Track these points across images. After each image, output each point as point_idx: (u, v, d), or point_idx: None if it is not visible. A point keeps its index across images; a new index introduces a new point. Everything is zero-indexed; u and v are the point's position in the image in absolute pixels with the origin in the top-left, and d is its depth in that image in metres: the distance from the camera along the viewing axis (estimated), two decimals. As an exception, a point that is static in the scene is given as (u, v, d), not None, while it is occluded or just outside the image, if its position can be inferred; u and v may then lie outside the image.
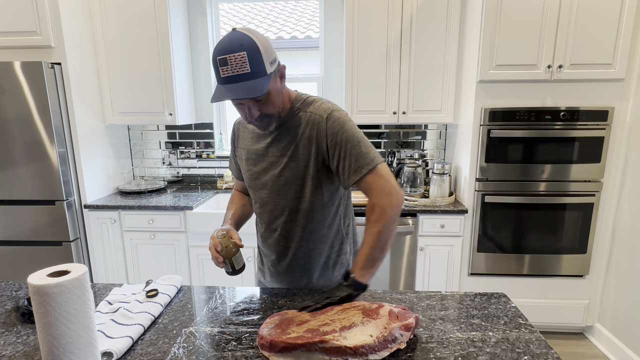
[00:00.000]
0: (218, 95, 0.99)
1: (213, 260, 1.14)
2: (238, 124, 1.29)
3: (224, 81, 0.98)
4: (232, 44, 0.96)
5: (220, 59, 0.97)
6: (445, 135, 2.88)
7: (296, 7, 3.25)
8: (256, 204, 1.26)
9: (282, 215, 1.21)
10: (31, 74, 2.17)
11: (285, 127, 1.15)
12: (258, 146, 1.20)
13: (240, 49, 0.95)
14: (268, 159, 1.18)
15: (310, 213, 1.19)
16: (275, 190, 1.19)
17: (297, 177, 1.15)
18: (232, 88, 0.97)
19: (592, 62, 2.15)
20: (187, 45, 2.82)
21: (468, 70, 2.36)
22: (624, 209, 2.25)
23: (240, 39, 0.96)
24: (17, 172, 2.29)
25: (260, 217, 1.27)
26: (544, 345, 0.93)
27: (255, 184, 1.22)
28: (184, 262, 2.51)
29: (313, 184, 1.15)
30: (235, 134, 1.29)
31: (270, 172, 1.18)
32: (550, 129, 2.24)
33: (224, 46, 0.97)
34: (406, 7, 2.40)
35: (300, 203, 1.18)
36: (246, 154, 1.23)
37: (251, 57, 0.96)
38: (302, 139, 1.12)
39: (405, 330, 0.90)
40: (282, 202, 1.19)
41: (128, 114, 2.65)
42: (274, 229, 1.23)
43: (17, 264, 2.40)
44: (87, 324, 0.79)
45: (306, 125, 1.12)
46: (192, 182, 3.08)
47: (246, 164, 1.24)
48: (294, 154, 1.14)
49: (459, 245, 2.40)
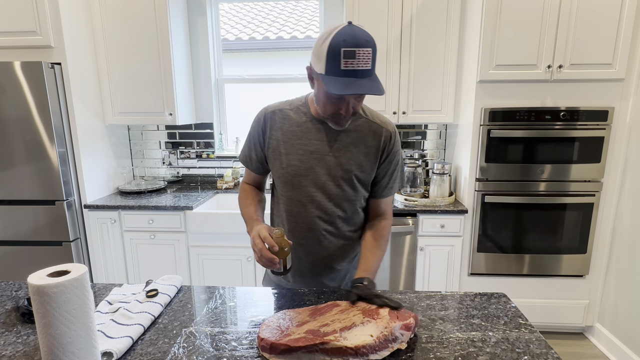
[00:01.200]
0: (344, 87, 0.96)
1: (262, 260, 1.06)
2: (271, 113, 1.20)
3: (344, 74, 0.97)
4: (360, 39, 0.95)
5: (348, 51, 0.95)
6: (445, 135, 2.88)
7: (296, 7, 3.25)
8: (291, 200, 1.21)
9: (327, 214, 1.20)
10: (31, 74, 2.18)
11: (345, 130, 1.16)
12: (310, 143, 1.16)
13: (367, 45, 0.96)
14: (324, 158, 1.16)
15: (353, 214, 1.24)
16: (327, 189, 1.18)
17: (354, 181, 1.18)
18: (359, 83, 0.97)
19: (592, 62, 2.15)
20: (187, 45, 2.82)
21: (468, 70, 2.36)
22: (624, 209, 2.25)
23: (365, 34, 0.97)
24: (17, 172, 2.29)
25: (296, 215, 1.22)
26: (544, 345, 0.93)
27: (299, 180, 1.18)
28: (184, 262, 2.51)
29: (360, 187, 1.21)
30: (267, 124, 1.20)
31: (323, 171, 1.17)
32: (550, 129, 2.24)
33: (351, 39, 0.95)
34: (406, 7, 2.40)
35: (349, 205, 1.21)
36: (289, 147, 1.18)
37: (374, 54, 0.98)
38: (365, 145, 1.17)
39: (406, 330, 0.90)
40: (332, 202, 1.19)
41: (128, 114, 2.65)
42: (312, 228, 1.21)
43: (17, 264, 2.40)
44: (87, 324, 0.79)
45: (371, 133, 1.18)
46: (192, 182, 3.08)
47: (286, 158, 1.18)
48: (355, 157, 1.17)
49: (459, 245, 2.40)
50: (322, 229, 1.21)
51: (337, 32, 0.96)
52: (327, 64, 0.98)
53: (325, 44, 0.97)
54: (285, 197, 1.22)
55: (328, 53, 0.96)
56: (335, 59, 0.96)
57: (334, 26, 0.99)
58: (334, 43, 0.96)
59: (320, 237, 1.22)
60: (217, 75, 3.01)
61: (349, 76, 0.97)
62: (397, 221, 2.38)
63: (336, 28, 0.98)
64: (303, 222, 1.21)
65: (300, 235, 1.22)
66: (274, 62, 3.09)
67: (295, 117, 1.19)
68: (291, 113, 1.20)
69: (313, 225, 1.21)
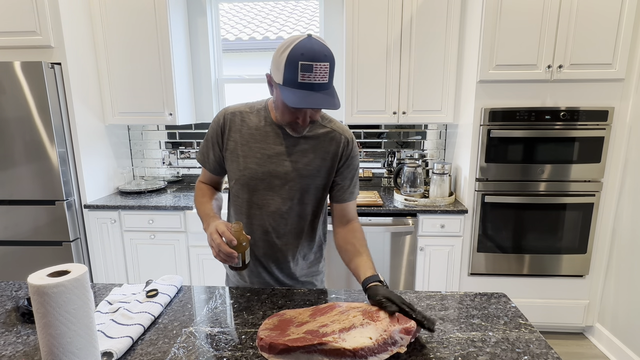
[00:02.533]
0: (300, 100, 0.99)
1: (220, 255, 1.04)
2: (232, 114, 1.21)
3: (300, 86, 0.99)
4: (318, 53, 0.97)
5: (305, 65, 0.97)
6: (445, 135, 2.88)
7: (296, 7, 3.25)
8: (247, 202, 1.22)
9: (282, 218, 1.22)
10: (31, 74, 2.18)
11: (304, 136, 1.18)
12: (268, 147, 1.18)
13: (324, 59, 0.98)
14: (282, 162, 1.18)
15: (310, 218, 1.26)
16: (285, 193, 1.19)
17: (310, 184, 1.20)
18: (315, 96, 1.00)
19: (592, 62, 2.15)
20: (187, 45, 2.82)
21: (468, 70, 2.36)
22: (624, 209, 2.25)
23: (324, 49, 0.99)
24: (17, 172, 2.29)
25: (252, 217, 1.23)
26: (544, 345, 0.93)
27: (256, 184, 1.19)
28: (184, 262, 2.51)
29: (320, 192, 1.24)
30: (226, 125, 1.20)
31: (282, 176, 1.18)
32: (550, 129, 2.24)
33: (310, 52, 0.97)
34: (406, 7, 2.40)
35: (305, 208, 1.23)
36: (246, 150, 1.18)
37: (331, 69, 1.01)
38: (323, 151, 1.20)
39: (406, 334, 0.89)
40: (286, 205, 1.20)
41: (128, 114, 2.65)
42: (267, 231, 1.23)
43: (17, 264, 2.40)
44: (87, 324, 0.79)
45: (330, 140, 1.20)
46: (192, 182, 3.08)
47: (244, 161, 1.19)
48: (312, 162, 1.19)
49: (459, 245, 2.40)
50: (277, 232, 1.23)
51: (295, 45, 0.98)
52: (284, 76, 1.00)
53: (284, 56, 0.98)
54: (242, 200, 1.23)
55: (286, 65, 0.98)
56: (293, 72, 0.98)
57: (294, 37, 1.00)
58: (292, 55, 0.97)
59: (274, 239, 1.24)
60: (217, 75, 3.01)
61: (305, 89, 0.99)
62: (397, 221, 2.38)
63: (295, 40, 0.99)
64: (258, 225, 1.23)
65: (256, 236, 1.24)
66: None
67: (254, 120, 1.20)
68: (251, 116, 1.20)
69: (268, 227, 1.23)
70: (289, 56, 0.97)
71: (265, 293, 1.21)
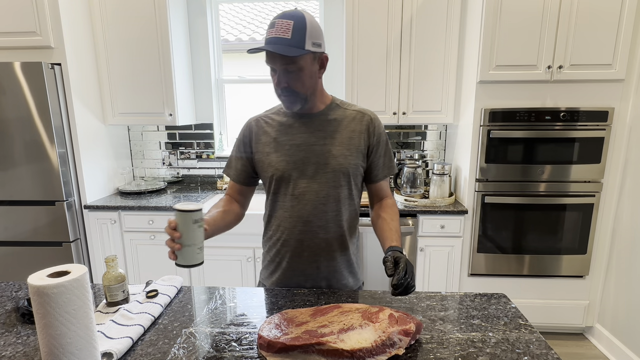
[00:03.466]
0: (256, 49, 1.08)
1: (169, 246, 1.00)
2: (256, 121, 1.28)
3: (266, 42, 1.08)
4: (286, 14, 1.08)
5: (271, 22, 1.09)
6: (445, 135, 2.88)
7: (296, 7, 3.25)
8: (284, 196, 1.22)
9: (322, 204, 1.21)
10: (31, 74, 2.18)
11: (327, 120, 1.22)
12: (294, 137, 1.21)
13: (289, 18, 1.07)
14: (310, 149, 1.19)
15: (347, 201, 1.24)
16: (320, 178, 1.19)
17: (342, 164, 1.20)
18: (270, 45, 1.06)
19: (592, 62, 2.15)
20: (187, 45, 2.82)
21: (468, 71, 2.37)
22: (624, 210, 2.25)
23: (295, 12, 1.09)
24: (17, 173, 2.29)
25: (290, 210, 1.22)
26: (544, 346, 0.93)
27: (290, 174, 1.20)
28: (184, 263, 2.50)
29: (353, 174, 1.23)
30: (252, 132, 1.26)
31: (313, 162, 1.19)
32: (550, 129, 2.24)
33: (279, 14, 1.09)
34: (406, 7, 2.40)
35: (341, 191, 1.22)
36: (276, 145, 1.22)
37: (296, 27, 1.06)
38: (348, 130, 1.22)
39: (405, 335, 0.89)
40: (324, 191, 1.20)
41: (128, 114, 2.65)
42: (307, 221, 1.21)
43: (17, 264, 2.40)
44: (87, 325, 0.79)
45: (352, 120, 1.23)
46: (192, 183, 3.08)
47: (275, 156, 1.21)
48: (340, 142, 1.20)
49: (459, 245, 2.40)
50: (317, 221, 1.21)
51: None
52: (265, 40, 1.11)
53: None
54: (280, 194, 1.24)
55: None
56: (266, 34, 1.10)
57: None
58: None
59: (316, 228, 1.22)
60: (217, 76, 3.01)
61: (268, 43, 1.08)
62: (397, 222, 2.38)
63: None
64: (298, 217, 1.22)
65: (297, 230, 1.23)
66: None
67: (277, 118, 1.26)
68: (273, 116, 1.27)
69: (308, 217, 1.21)
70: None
71: (265, 293, 1.21)
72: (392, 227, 1.20)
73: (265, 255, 1.35)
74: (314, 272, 1.26)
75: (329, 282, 1.28)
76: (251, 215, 2.39)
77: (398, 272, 0.98)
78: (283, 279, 1.28)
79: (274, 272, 1.31)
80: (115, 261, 1.09)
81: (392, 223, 1.22)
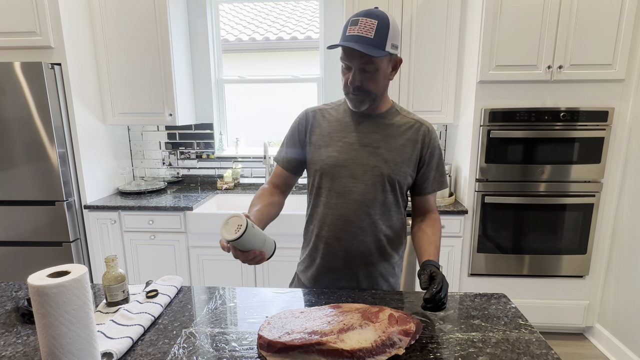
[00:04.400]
0: (336, 44, 1.08)
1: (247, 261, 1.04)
2: (313, 112, 1.28)
3: (347, 39, 1.07)
4: (369, 13, 1.07)
5: (353, 19, 1.07)
6: (445, 135, 2.88)
7: (296, 7, 3.25)
8: (329, 192, 1.21)
9: (366, 206, 1.19)
10: (31, 74, 2.18)
11: (384, 123, 1.22)
12: (349, 135, 1.20)
13: (374, 17, 1.06)
14: (363, 149, 1.19)
15: (394, 208, 1.24)
16: (368, 180, 1.18)
17: (393, 171, 1.19)
18: (352, 42, 1.05)
19: (592, 62, 2.15)
20: (187, 45, 2.82)
21: (468, 71, 2.36)
22: (624, 210, 2.25)
23: (378, 12, 1.08)
24: (17, 173, 2.29)
25: (334, 207, 1.21)
26: (544, 346, 0.93)
27: (338, 171, 1.19)
28: (183, 263, 2.51)
29: (401, 182, 1.21)
30: (308, 122, 1.26)
31: (364, 163, 1.18)
32: (550, 129, 2.24)
33: (361, 12, 1.08)
34: (406, 7, 2.40)
35: (386, 198, 1.21)
36: (328, 140, 1.22)
37: (379, 27, 1.05)
38: (403, 138, 1.21)
39: (404, 336, 0.89)
40: (370, 193, 1.19)
41: (128, 114, 2.65)
42: (349, 220, 1.20)
43: (17, 264, 2.40)
44: (87, 325, 0.79)
45: (409, 128, 1.23)
46: (192, 183, 3.08)
47: (326, 150, 1.21)
48: (393, 149, 1.20)
49: (459, 245, 2.40)
50: (359, 222, 1.20)
51: (358, 11, 1.09)
52: (341, 34, 1.11)
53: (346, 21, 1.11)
54: (324, 189, 1.23)
55: (344, 26, 1.10)
56: (345, 29, 1.09)
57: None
58: (349, 18, 1.10)
59: (357, 230, 1.21)
60: (217, 76, 3.01)
61: (349, 40, 1.07)
62: (397, 221, 2.38)
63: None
64: (340, 215, 1.21)
65: (337, 228, 1.22)
66: (274, 63, 3.09)
67: (335, 113, 1.26)
68: (331, 111, 1.27)
69: (350, 217, 1.20)
70: (347, 19, 1.10)
71: (266, 293, 1.21)
72: (432, 241, 1.20)
73: (302, 250, 1.35)
74: (348, 272, 1.26)
75: (359, 284, 1.27)
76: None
77: (433, 287, 0.98)
78: (317, 275, 1.29)
79: (309, 266, 1.31)
80: (115, 261, 1.09)
81: (433, 237, 1.22)
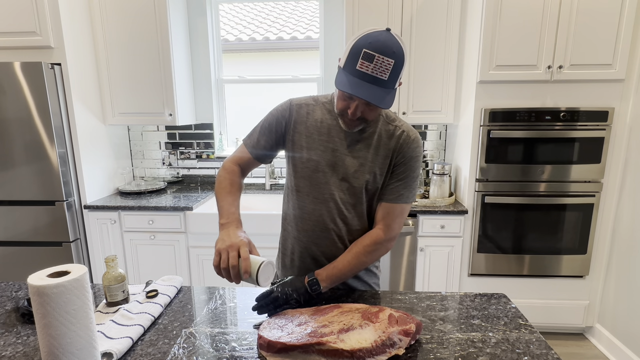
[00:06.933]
0: (348, 85, 0.97)
1: (224, 273, 0.97)
2: (299, 107, 1.20)
3: (356, 74, 0.96)
4: (386, 46, 0.94)
5: (367, 54, 0.94)
6: (445, 135, 2.88)
7: (296, 7, 3.25)
8: (308, 197, 1.18)
9: (341, 213, 1.18)
10: (31, 74, 2.18)
11: (368, 133, 1.15)
12: (331, 140, 1.16)
13: (391, 56, 0.95)
14: (344, 157, 1.15)
15: (361, 217, 1.20)
16: (347, 189, 1.16)
17: (372, 179, 1.16)
18: (365, 87, 0.96)
19: (592, 62, 2.15)
20: (187, 45, 2.82)
21: (468, 71, 2.36)
22: (624, 210, 2.25)
23: (395, 46, 0.96)
24: (17, 173, 2.29)
25: (311, 213, 1.19)
26: (544, 346, 0.93)
27: (318, 177, 1.16)
28: (183, 263, 2.51)
29: (374, 189, 1.18)
30: (292, 116, 1.19)
31: (344, 171, 1.15)
32: (550, 129, 2.24)
33: (377, 43, 0.94)
34: (406, 8, 2.40)
35: (364, 204, 1.18)
36: (310, 142, 1.17)
37: (395, 68, 0.96)
38: (385, 149, 1.15)
39: (405, 336, 0.89)
40: (349, 201, 1.17)
41: (128, 114, 2.65)
42: (326, 227, 1.18)
43: (17, 264, 2.40)
44: (87, 325, 0.79)
45: (390, 137, 1.16)
46: (192, 183, 3.08)
47: (307, 153, 1.17)
48: (375, 159, 1.15)
49: (459, 245, 2.40)
50: (335, 228, 1.19)
51: (369, 34, 0.97)
52: (346, 60, 0.99)
53: (353, 41, 0.98)
54: (302, 194, 1.19)
55: (351, 50, 0.97)
56: (354, 58, 0.96)
57: (373, 28, 0.99)
58: (360, 42, 0.96)
59: (332, 236, 1.20)
60: (217, 76, 3.01)
61: (360, 78, 0.96)
62: (397, 222, 2.38)
63: (373, 29, 0.98)
64: (317, 221, 1.19)
65: (314, 234, 1.20)
66: (274, 63, 3.09)
67: (319, 113, 1.18)
68: (316, 109, 1.19)
69: (327, 224, 1.18)
70: (357, 42, 0.97)
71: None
72: (343, 259, 1.14)
73: (279, 252, 1.34)
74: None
75: (337, 286, 1.26)
76: (252, 215, 2.39)
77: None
78: (297, 275, 1.28)
79: (286, 267, 1.30)
80: (115, 261, 1.09)
81: (348, 255, 1.15)
